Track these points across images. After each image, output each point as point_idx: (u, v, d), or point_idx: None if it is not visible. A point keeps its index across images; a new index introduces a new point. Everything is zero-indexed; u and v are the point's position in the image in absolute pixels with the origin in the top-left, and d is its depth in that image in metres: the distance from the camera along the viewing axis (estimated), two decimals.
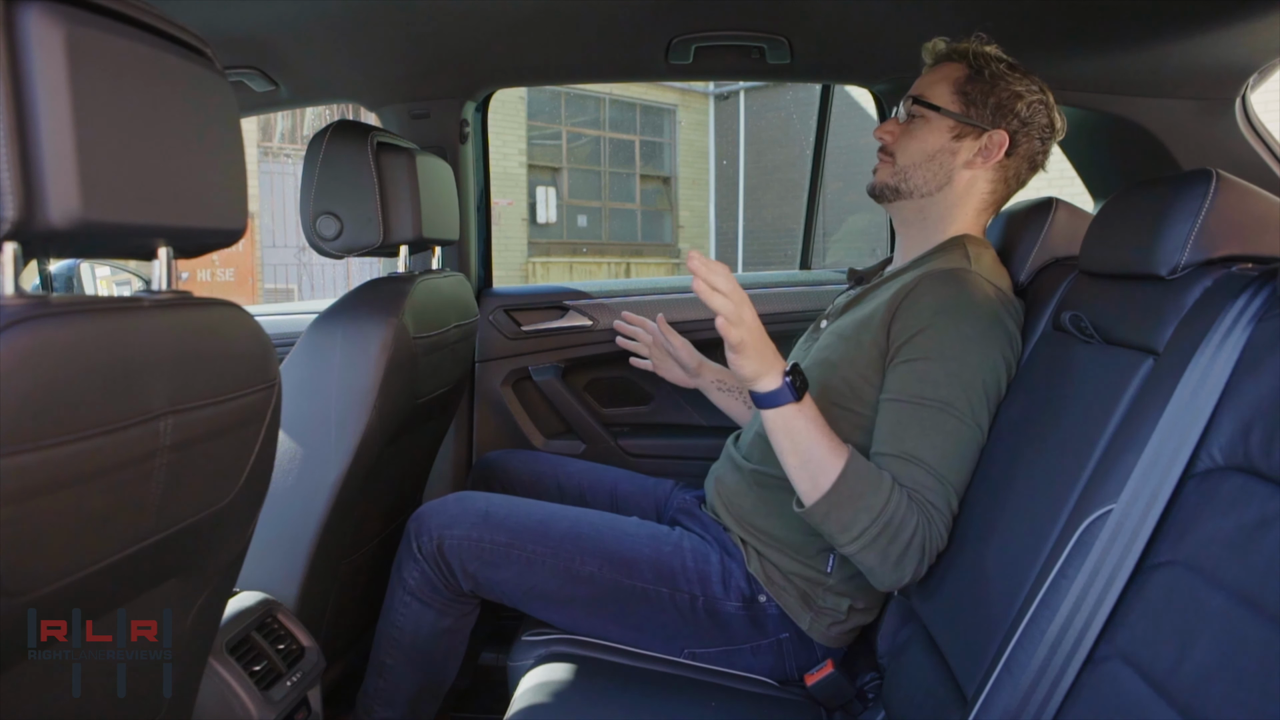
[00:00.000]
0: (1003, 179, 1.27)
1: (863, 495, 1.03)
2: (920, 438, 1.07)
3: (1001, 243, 1.42)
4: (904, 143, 1.27)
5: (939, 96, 1.25)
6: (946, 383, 1.08)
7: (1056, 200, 1.38)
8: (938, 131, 1.25)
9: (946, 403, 1.08)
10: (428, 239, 1.37)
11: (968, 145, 1.24)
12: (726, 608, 1.24)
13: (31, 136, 0.50)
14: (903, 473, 1.06)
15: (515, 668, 1.26)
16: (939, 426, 1.07)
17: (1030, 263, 1.35)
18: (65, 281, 1.80)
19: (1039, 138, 1.25)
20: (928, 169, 1.25)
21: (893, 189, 1.28)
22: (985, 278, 1.17)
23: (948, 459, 1.06)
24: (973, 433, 1.08)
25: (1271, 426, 0.68)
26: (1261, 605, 0.62)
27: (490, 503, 1.28)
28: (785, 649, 1.25)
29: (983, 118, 1.23)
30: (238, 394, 0.70)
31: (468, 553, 1.23)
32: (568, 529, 1.25)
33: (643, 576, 1.24)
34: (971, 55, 1.25)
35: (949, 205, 1.27)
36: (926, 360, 1.10)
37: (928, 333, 1.11)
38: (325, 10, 1.45)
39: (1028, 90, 1.23)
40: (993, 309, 1.13)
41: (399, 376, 1.28)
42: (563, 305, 1.98)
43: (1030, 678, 0.78)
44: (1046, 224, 1.34)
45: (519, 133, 10.58)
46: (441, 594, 1.26)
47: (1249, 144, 1.57)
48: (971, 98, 1.23)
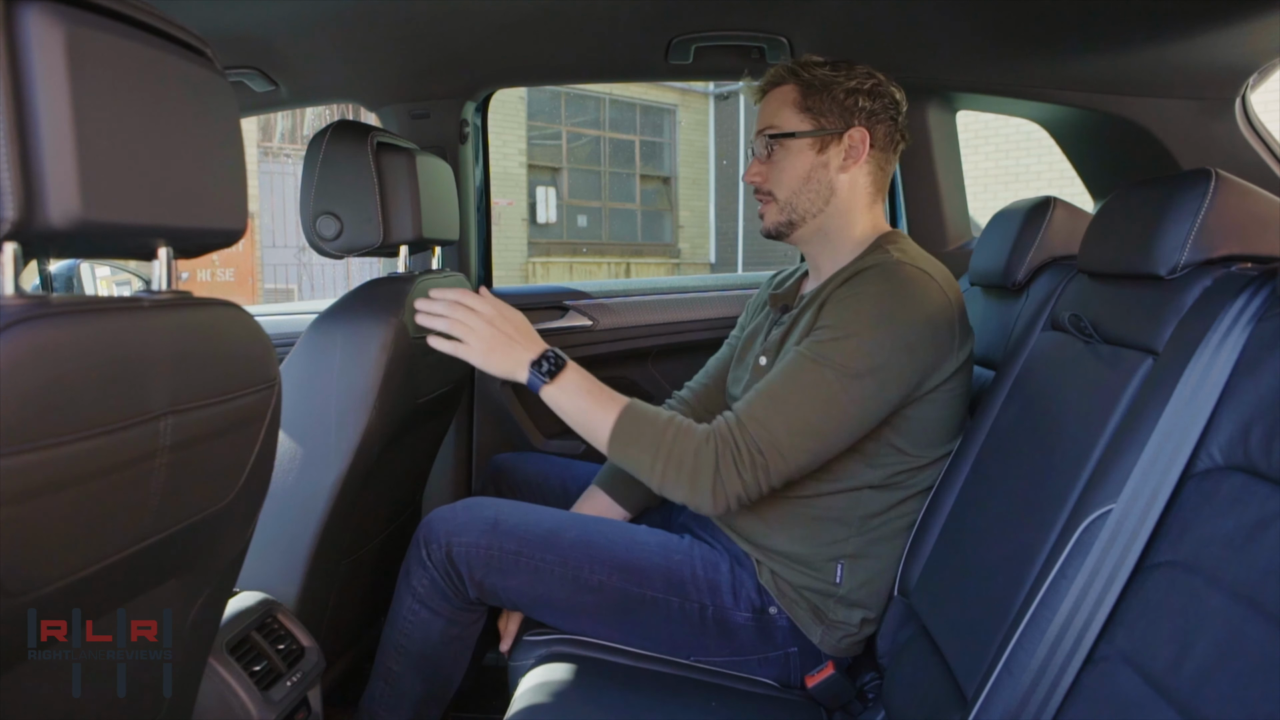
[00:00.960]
0: (877, 167, 1.28)
1: (636, 440, 1.14)
2: (787, 377, 1.13)
3: (999, 241, 1.42)
4: (776, 177, 1.28)
5: (787, 121, 1.26)
6: (832, 345, 1.12)
7: (1055, 199, 1.38)
8: (802, 154, 1.26)
9: (825, 359, 1.11)
10: (428, 239, 1.37)
11: (834, 153, 1.26)
12: (736, 618, 1.24)
13: (31, 136, 0.50)
14: (751, 397, 1.14)
15: (516, 667, 1.26)
16: (807, 373, 1.12)
17: (1028, 262, 1.35)
18: (65, 281, 1.80)
19: (890, 118, 1.27)
20: (808, 191, 1.27)
21: (786, 224, 1.29)
22: (915, 265, 1.17)
23: (800, 400, 1.11)
24: (840, 392, 1.10)
25: (1271, 426, 0.68)
26: (1261, 605, 0.62)
27: (500, 510, 1.27)
28: (793, 660, 1.25)
29: (834, 123, 1.25)
30: (238, 394, 0.70)
31: (476, 560, 1.22)
32: (577, 537, 1.25)
33: (653, 585, 1.23)
34: (795, 71, 1.27)
35: (842, 213, 1.28)
36: (825, 328, 1.14)
37: (837, 307, 1.15)
38: (325, 10, 1.45)
39: (859, 81, 1.25)
40: (912, 293, 1.13)
41: (399, 377, 1.28)
42: (563, 305, 1.98)
43: (1030, 677, 0.78)
44: (1045, 223, 1.34)
45: (519, 133, 10.58)
46: (450, 601, 1.25)
47: (1249, 144, 1.57)
48: (815, 109, 1.25)
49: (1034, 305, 1.26)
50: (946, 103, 1.90)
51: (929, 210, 1.93)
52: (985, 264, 1.48)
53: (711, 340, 1.98)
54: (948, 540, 1.14)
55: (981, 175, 7.93)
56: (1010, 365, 1.21)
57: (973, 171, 2.17)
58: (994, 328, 1.43)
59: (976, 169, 7.81)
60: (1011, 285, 1.38)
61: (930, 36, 1.58)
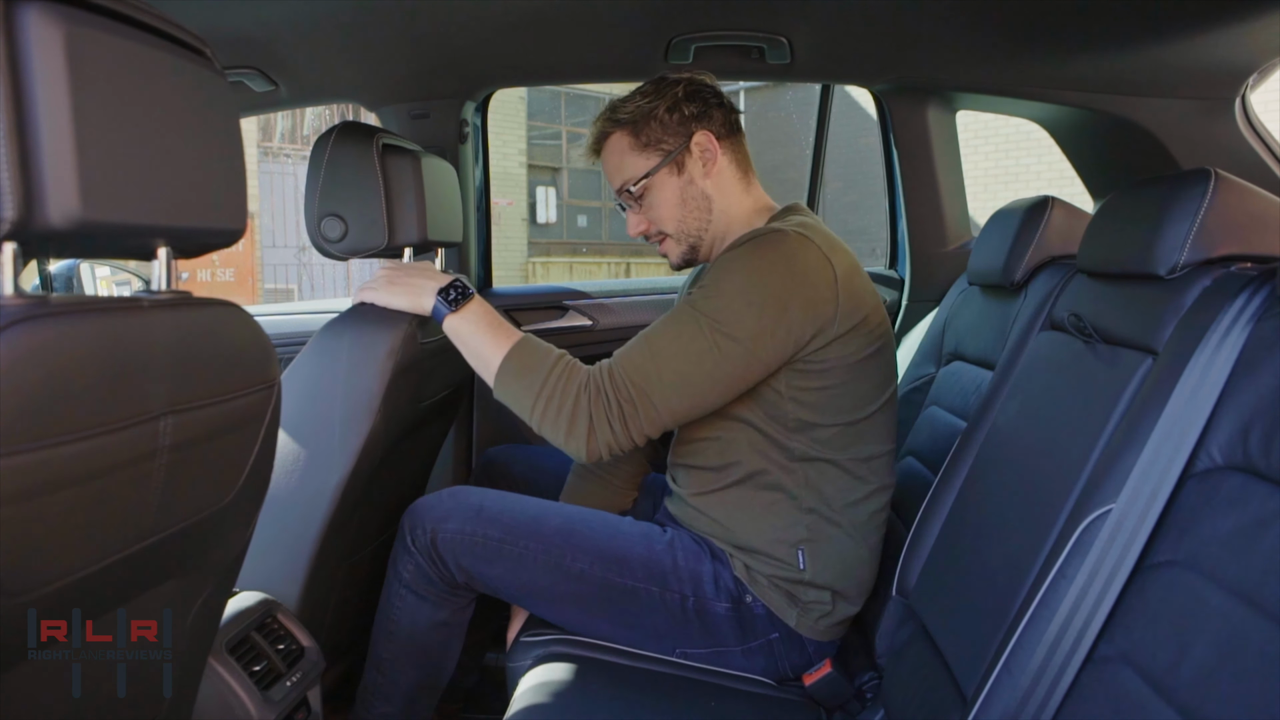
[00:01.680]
0: (733, 151, 1.31)
1: (521, 377, 1.16)
2: (663, 325, 1.16)
3: (998, 241, 1.42)
4: (656, 217, 1.31)
5: (631, 169, 1.30)
6: (704, 298, 1.14)
7: (1053, 199, 1.38)
8: (665, 185, 1.29)
9: (698, 310, 1.14)
10: (432, 241, 1.37)
11: (692, 167, 1.28)
12: (716, 609, 1.24)
13: (31, 136, 0.50)
14: (631, 342, 1.18)
15: (514, 668, 1.26)
16: (681, 322, 1.14)
17: (1027, 261, 1.35)
18: (65, 281, 1.80)
19: (717, 104, 1.30)
20: (691, 212, 1.30)
21: (689, 250, 1.33)
22: (787, 229, 1.17)
23: (672, 351, 1.13)
24: (709, 346, 1.12)
25: (1270, 426, 0.68)
26: (1261, 604, 0.62)
27: (485, 498, 1.28)
28: (777, 649, 1.25)
29: (675, 142, 1.27)
30: (237, 394, 0.70)
31: (461, 547, 1.23)
32: (560, 525, 1.26)
33: (634, 575, 1.24)
34: (613, 120, 1.29)
35: (726, 211, 1.31)
36: (702, 286, 1.17)
37: (712, 269, 1.17)
38: (325, 10, 1.44)
39: (669, 94, 1.27)
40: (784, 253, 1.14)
41: (405, 381, 1.28)
42: (562, 305, 1.98)
43: (1030, 677, 0.78)
44: (1043, 223, 1.35)
45: (519, 133, 10.58)
46: (436, 586, 1.26)
47: (1248, 144, 1.57)
48: (651, 141, 1.28)
49: (1033, 304, 1.26)
50: (946, 103, 1.90)
51: (929, 210, 1.94)
52: (983, 263, 1.48)
53: None
54: (947, 540, 1.14)
55: (981, 175, 7.93)
56: (1009, 365, 1.21)
57: (973, 171, 2.17)
58: (992, 328, 1.43)
59: (976, 169, 7.81)
60: (1010, 284, 1.38)
61: (930, 36, 1.58)
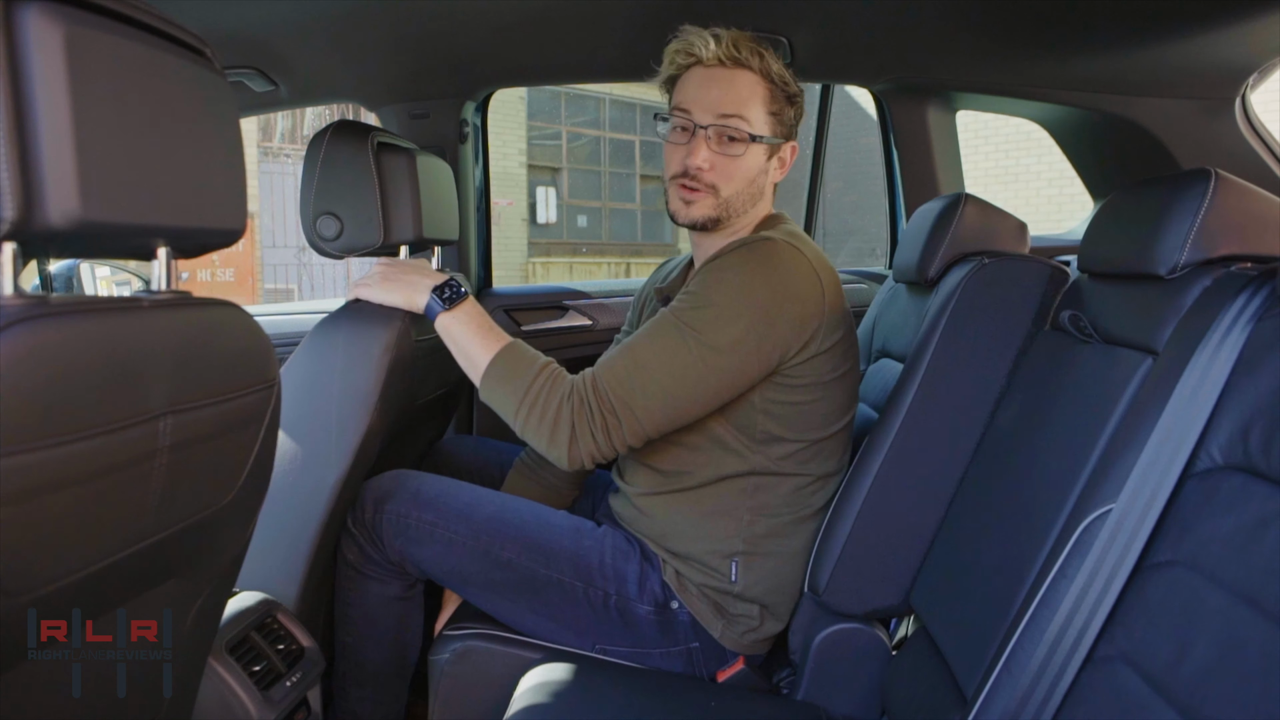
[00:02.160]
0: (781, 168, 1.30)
1: (507, 380, 1.16)
2: (647, 337, 1.15)
3: (914, 239, 1.45)
4: (725, 173, 1.20)
5: (756, 121, 1.20)
6: (689, 310, 1.13)
7: (967, 196, 1.42)
8: (756, 158, 1.23)
9: (682, 322, 1.13)
10: (428, 239, 1.37)
11: (774, 162, 1.27)
12: (638, 610, 1.24)
13: (31, 136, 0.50)
14: (613, 353, 1.16)
15: (434, 660, 1.27)
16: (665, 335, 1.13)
17: (940, 257, 1.38)
18: (65, 281, 1.79)
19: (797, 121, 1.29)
20: (748, 194, 1.24)
21: (715, 219, 1.23)
22: (776, 238, 1.16)
23: (655, 363, 1.12)
24: (694, 359, 1.11)
25: (1271, 426, 0.68)
26: (1261, 604, 0.62)
27: (422, 482, 1.29)
28: (695, 656, 1.25)
29: (784, 133, 1.26)
30: (237, 394, 0.70)
31: (395, 528, 1.24)
32: (492, 514, 1.26)
33: (559, 568, 1.24)
34: (766, 67, 1.20)
35: (755, 214, 1.29)
36: (687, 295, 1.15)
37: (697, 278, 1.16)
38: (325, 10, 1.45)
39: (799, 93, 1.26)
40: (772, 265, 1.13)
41: (400, 379, 1.28)
42: (562, 305, 1.98)
43: (1030, 678, 0.78)
44: (955, 220, 1.38)
45: (519, 133, 10.58)
46: (376, 563, 1.27)
47: (1249, 144, 1.57)
48: (778, 115, 1.24)
49: (941, 299, 1.26)
50: (946, 103, 1.90)
51: None
52: (904, 260, 1.50)
53: None
54: (947, 540, 1.14)
55: (981, 175, 7.93)
56: (1010, 365, 1.21)
57: (973, 171, 2.17)
58: (912, 323, 1.45)
59: (976, 169, 7.81)
60: (924, 281, 1.39)
61: (930, 36, 1.58)
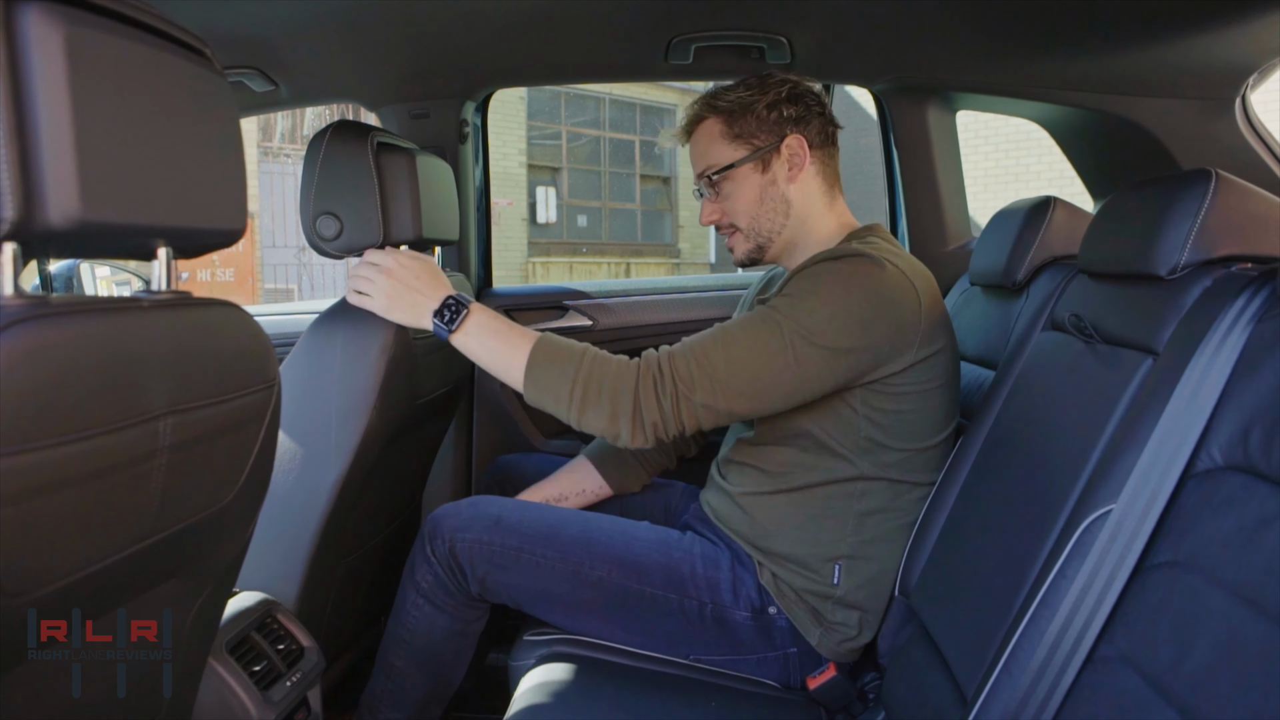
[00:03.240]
0: (823, 165, 1.30)
1: (551, 371, 1.13)
2: (737, 324, 1.14)
3: (999, 241, 1.42)
4: (732, 209, 1.29)
5: (721, 155, 1.27)
6: (786, 305, 1.13)
7: (1055, 199, 1.38)
8: (748, 179, 1.27)
9: (777, 315, 1.12)
10: (428, 239, 1.37)
11: (777, 167, 1.27)
12: (735, 616, 1.24)
13: (31, 136, 0.50)
14: (681, 341, 1.15)
15: (516, 667, 1.26)
16: (758, 324, 1.12)
17: (1029, 261, 1.35)
18: (65, 281, 1.80)
19: (818, 114, 1.28)
20: (766, 212, 1.28)
21: (756, 249, 1.31)
22: (871, 252, 1.16)
23: (744, 344, 1.11)
24: (785, 348, 1.10)
25: (1271, 426, 0.68)
26: (1261, 605, 0.62)
27: (503, 508, 1.28)
28: (791, 662, 1.25)
29: (767, 140, 1.26)
30: (237, 394, 0.70)
31: (479, 555, 1.23)
32: (578, 533, 1.25)
33: (652, 582, 1.23)
34: (711, 105, 1.28)
35: (804, 220, 1.29)
36: (781, 295, 1.15)
37: (792, 281, 1.16)
38: (325, 10, 1.44)
39: (776, 91, 1.26)
40: (868, 274, 1.13)
41: (399, 377, 1.28)
42: (563, 305, 1.98)
43: (1030, 678, 0.78)
44: (1045, 223, 1.35)
45: (519, 133, 10.57)
46: (454, 597, 1.26)
47: (1249, 144, 1.57)
48: (744, 133, 1.26)
49: (1034, 305, 1.26)
50: (946, 103, 1.90)
51: (929, 210, 1.93)
52: (985, 264, 1.48)
53: None
54: (948, 540, 1.14)
55: (981, 175, 7.94)
56: (1010, 365, 1.21)
57: (973, 171, 2.17)
58: (994, 327, 1.42)
59: (976, 169, 7.81)
60: (1011, 285, 1.38)
61: (930, 36, 1.58)
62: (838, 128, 1.31)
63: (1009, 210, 1.47)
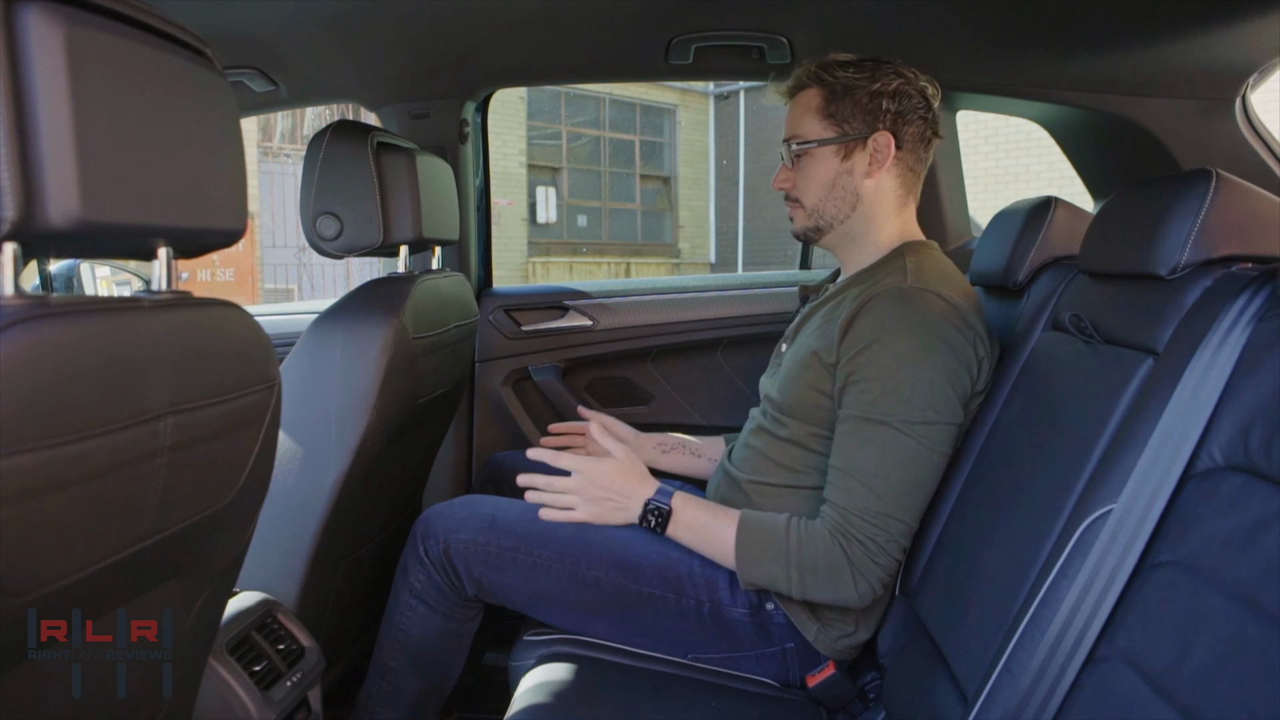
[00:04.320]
0: (906, 169, 1.28)
1: (762, 557, 1.15)
2: (858, 450, 1.13)
3: (1000, 241, 1.42)
4: (801, 183, 1.29)
5: (809, 129, 1.26)
6: (883, 400, 1.12)
7: (1056, 200, 1.38)
8: (825, 160, 1.26)
9: (884, 417, 1.12)
10: (428, 239, 1.37)
11: (859, 159, 1.25)
12: (733, 614, 1.24)
13: (31, 136, 0.50)
14: (838, 484, 1.14)
15: (516, 667, 1.26)
16: (876, 439, 1.12)
17: (1029, 262, 1.35)
18: (65, 281, 1.80)
19: (920, 116, 1.26)
20: (834, 197, 1.27)
21: (813, 229, 1.31)
22: (928, 289, 1.16)
23: (884, 467, 1.12)
24: (914, 443, 1.12)
25: (1271, 426, 0.68)
26: (1261, 605, 0.62)
27: (497, 507, 1.28)
28: (790, 658, 1.25)
29: (858, 129, 1.24)
30: (237, 394, 0.70)
31: (473, 556, 1.23)
32: (574, 533, 1.25)
33: (649, 581, 1.23)
34: (818, 75, 1.26)
35: (869, 218, 1.28)
36: (866, 381, 1.14)
37: (866, 353, 1.14)
38: (325, 10, 1.45)
39: (885, 81, 1.24)
40: (933, 322, 1.14)
41: (399, 377, 1.28)
42: (563, 305, 1.98)
43: (1030, 678, 0.78)
44: (1046, 223, 1.35)
45: (519, 133, 10.58)
46: (447, 597, 1.26)
47: (1249, 144, 1.57)
48: (839, 115, 1.25)
49: (1035, 305, 1.26)
50: (946, 103, 1.90)
51: (929, 210, 1.93)
52: (986, 264, 1.48)
53: (711, 340, 1.98)
54: (948, 540, 1.14)
55: (981, 175, 7.94)
56: (1011, 365, 1.21)
57: (973, 171, 2.17)
58: (995, 328, 1.43)
59: (976, 169, 7.81)
60: (1012, 285, 1.38)
61: (930, 36, 1.58)
62: (938, 137, 1.29)
63: (1009, 210, 1.47)
